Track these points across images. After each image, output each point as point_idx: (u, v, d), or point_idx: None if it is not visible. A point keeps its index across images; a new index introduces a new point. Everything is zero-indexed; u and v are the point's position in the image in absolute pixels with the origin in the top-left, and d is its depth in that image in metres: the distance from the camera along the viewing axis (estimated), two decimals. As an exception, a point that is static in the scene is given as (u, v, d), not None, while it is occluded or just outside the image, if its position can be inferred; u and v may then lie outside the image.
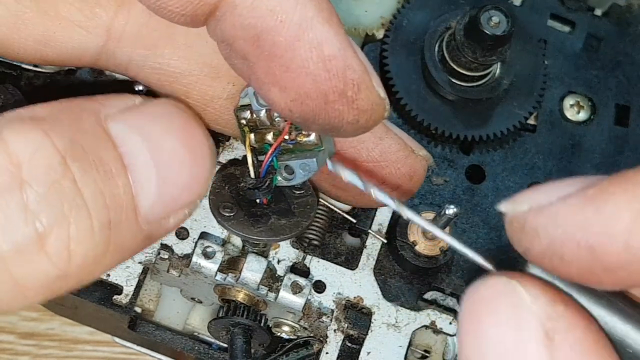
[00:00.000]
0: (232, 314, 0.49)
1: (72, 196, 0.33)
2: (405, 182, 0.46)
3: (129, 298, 0.51)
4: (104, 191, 0.34)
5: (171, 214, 0.37)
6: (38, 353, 0.64)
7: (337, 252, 0.54)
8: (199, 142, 0.37)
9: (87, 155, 0.34)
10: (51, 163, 0.32)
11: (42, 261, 0.32)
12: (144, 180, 0.35)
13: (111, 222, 0.34)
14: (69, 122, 0.34)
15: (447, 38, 0.56)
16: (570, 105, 0.59)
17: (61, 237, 0.32)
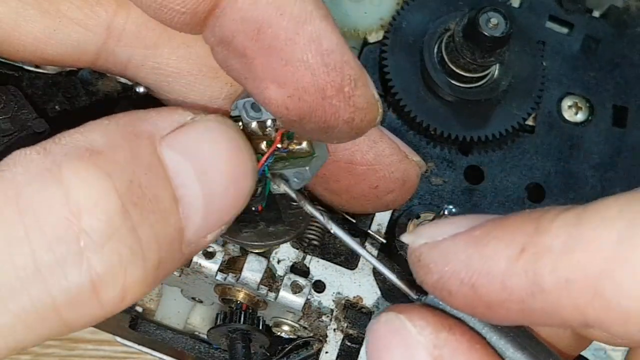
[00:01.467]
0: (229, 320, 0.50)
1: (130, 245, 0.33)
2: (398, 186, 0.46)
3: (130, 298, 0.52)
4: (159, 234, 0.34)
5: (210, 233, 0.37)
6: (40, 352, 0.65)
7: (337, 252, 0.54)
8: (243, 161, 0.37)
9: (145, 196, 0.33)
10: (111, 213, 0.32)
11: (94, 307, 0.32)
12: (192, 211, 0.35)
13: (160, 261, 0.34)
14: (127, 154, 0.34)
15: (446, 39, 0.56)
16: (569, 107, 0.59)
17: (116, 286, 0.32)
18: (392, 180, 0.45)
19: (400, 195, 0.47)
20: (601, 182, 0.58)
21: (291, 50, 0.35)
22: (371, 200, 0.46)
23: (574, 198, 0.57)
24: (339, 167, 0.44)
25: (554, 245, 0.31)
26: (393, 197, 0.46)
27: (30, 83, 0.53)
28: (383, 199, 0.46)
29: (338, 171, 0.44)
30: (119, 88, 0.54)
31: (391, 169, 0.45)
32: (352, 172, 0.44)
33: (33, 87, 0.53)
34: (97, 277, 0.32)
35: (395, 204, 0.47)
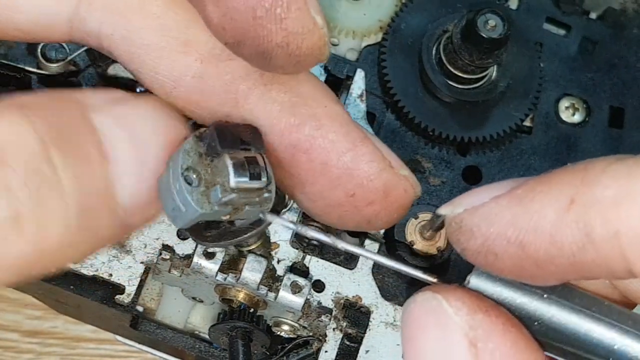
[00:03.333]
0: (229, 318, 0.50)
1: (50, 179, 0.33)
2: (379, 198, 0.41)
3: (131, 297, 0.52)
4: (82, 177, 0.34)
5: (150, 205, 0.37)
6: (42, 351, 0.65)
7: (336, 252, 0.54)
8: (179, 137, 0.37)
9: (68, 142, 0.34)
10: (32, 147, 0.33)
11: (17, 240, 0.33)
12: (123, 171, 0.36)
13: (87, 207, 0.35)
14: (53, 109, 0.35)
15: (444, 41, 0.56)
16: (566, 107, 0.60)
17: (38, 218, 0.33)
18: (371, 190, 0.41)
19: (383, 209, 0.42)
20: (598, 183, 0.58)
21: None
22: (349, 210, 0.42)
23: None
24: (313, 169, 0.41)
25: (605, 197, 0.31)
26: (374, 210, 0.42)
27: (31, 84, 0.54)
28: (363, 211, 0.42)
29: (312, 173, 0.41)
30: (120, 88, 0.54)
31: (370, 176, 0.41)
32: (327, 175, 0.41)
33: (35, 88, 0.53)
34: (20, 207, 0.33)
35: (379, 222, 0.42)
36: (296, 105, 0.40)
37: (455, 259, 0.55)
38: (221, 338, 0.51)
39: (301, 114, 0.40)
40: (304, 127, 0.40)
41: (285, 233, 0.53)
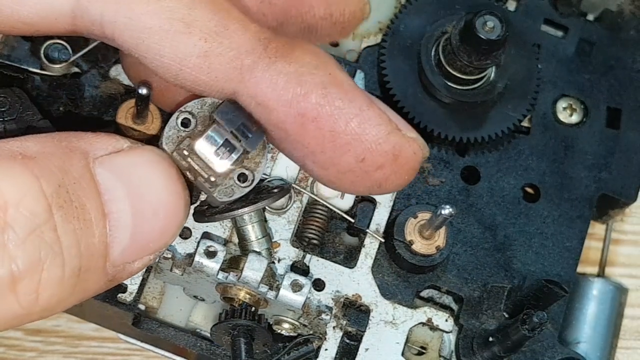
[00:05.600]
0: (231, 316, 0.50)
1: (50, 244, 0.34)
2: (389, 162, 0.42)
3: (133, 296, 0.52)
4: (81, 240, 0.35)
5: (137, 260, 0.38)
6: (45, 349, 0.65)
7: (336, 251, 0.55)
8: (177, 194, 0.38)
9: (72, 203, 0.35)
10: (36, 210, 0.33)
11: (10, 301, 0.33)
12: (120, 229, 0.36)
13: (81, 269, 0.35)
14: (59, 163, 0.35)
15: (443, 42, 0.57)
16: (563, 108, 0.60)
17: (32, 282, 0.33)
18: (380, 154, 0.42)
19: (393, 172, 0.42)
20: (595, 183, 0.59)
21: None
22: (360, 176, 0.42)
23: (568, 198, 0.58)
24: (322, 136, 0.41)
25: None
26: (384, 174, 0.42)
27: (34, 85, 0.54)
28: (373, 175, 0.42)
29: (322, 141, 0.41)
30: (122, 90, 0.55)
31: (379, 140, 0.41)
32: (336, 142, 0.41)
33: (38, 89, 0.54)
34: (16, 270, 0.33)
35: (390, 185, 0.43)
36: (302, 75, 0.40)
37: (454, 258, 0.55)
38: (223, 337, 0.51)
39: (307, 83, 0.40)
40: (310, 96, 0.40)
41: (286, 233, 0.53)
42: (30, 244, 0.33)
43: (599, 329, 0.59)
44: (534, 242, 0.57)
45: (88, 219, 0.35)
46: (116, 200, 0.36)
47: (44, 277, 0.34)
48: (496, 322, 0.54)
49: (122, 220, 0.36)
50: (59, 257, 0.34)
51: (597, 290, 0.61)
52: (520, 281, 0.55)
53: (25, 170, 0.34)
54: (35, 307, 0.34)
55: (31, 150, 0.35)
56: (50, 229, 0.34)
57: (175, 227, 0.39)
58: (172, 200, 0.38)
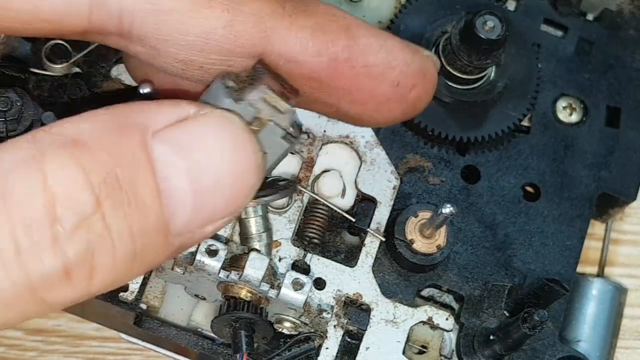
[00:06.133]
0: (233, 308, 0.50)
1: (99, 233, 0.34)
2: (420, 80, 0.46)
3: (135, 295, 0.52)
4: (133, 224, 0.35)
5: (208, 224, 0.38)
6: (45, 349, 0.65)
7: (337, 250, 0.55)
8: (246, 159, 0.38)
9: (121, 189, 0.35)
10: (82, 202, 0.34)
11: (66, 289, 0.34)
12: (178, 205, 0.36)
13: (136, 250, 0.35)
14: (111, 149, 0.35)
15: (443, 42, 0.57)
16: (563, 108, 0.60)
17: (84, 270, 0.34)
18: (412, 74, 0.45)
19: (424, 89, 0.46)
20: (595, 182, 0.59)
21: None
22: (397, 101, 0.46)
23: (568, 197, 0.58)
24: (357, 73, 0.44)
25: None
26: (417, 93, 0.46)
27: (36, 85, 0.54)
28: (408, 97, 0.46)
29: (357, 78, 0.44)
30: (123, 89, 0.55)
31: (408, 62, 0.45)
32: (371, 75, 0.44)
33: (39, 89, 0.54)
34: (67, 261, 0.34)
35: (422, 103, 0.47)
36: (323, 24, 0.43)
37: (455, 257, 0.55)
38: (224, 329, 0.51)
39: (331, 30, 0.43)
40: (337, 40, 0.43)
41: (287, 232, 0.54)
42: (79, 234, 0.34)
43: (598, 329, 0.59)
44: (535, 241, 0.57)
45: (140, 201, 0.35)
46: (172, 177, 0.36)
47: (96, 263, 0.34)
48: (497, 321, 0.54)
49: (179, 197, 0.36)
50: (107, 243, 0.34)
51: (596, 290, 0.61)
52: (520, 280, 0.56)
53: (72, 162, 0.34)
54: (89, 291, 0.35)
55: (84, 135, 0.35)
56: (98, 219, 0.34)
57: (248, 193, 0.38)
58: (240, 168, 0.38)
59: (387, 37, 0.45)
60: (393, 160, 0.56)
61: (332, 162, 0.55)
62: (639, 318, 0.67)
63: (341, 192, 0.55)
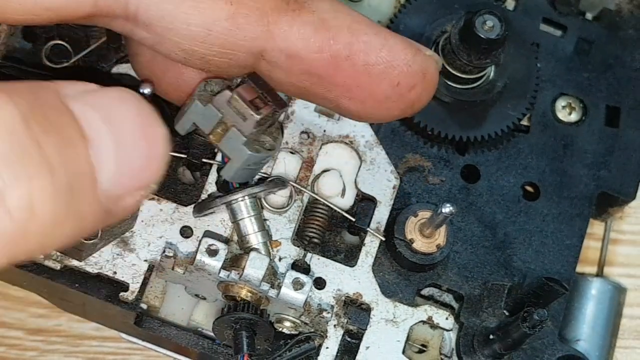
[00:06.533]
0: (234, 310, 0.50)
1: (34, 154, 0.33)
2: (420, 80, 0.46)
3: (135, 295, 0.52)
4: (64, 154, 0.34)
5: (128, 194, 0.37)
6: (46, 348, 0.65)
7: (337, 250, 0.55)
8: (154, 127, 0.38)
9: (49, 120, 0.34)
10: (13, 122, 0.32)
11: (4, 219, 0.32)
12: (103, 154, 0.35)
13: (72, 186, 0.34)
14: (30, 93, 0.34)
15: (442, 42, 0.57)
16: (562, 107, 0.61)
17: (23, 193, 0.32)
18: (412, 74, 0.45)
19: (423, 89, 0.46)
20: (594, 181, 0.59)
21: None
22: (396, 100, 0.46)
23: (567, 196, 0.58)
24: (357, 72, 0.44)
25: None
26: (416, 93, 0.46)
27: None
28: (407, 97, 0.46)
29: (357, 76, 0.45)
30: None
31: (409, 62, 0.45)
32: (371, 74, 0.44)
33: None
34: (1, 183, 0.32)
35: (420, 102, 0.47)
36: (325, 20, 0.43)
37: (455, 256, 0.56)
38: (225, 331, 0.52)
39: (333, 26, 0.44)
40: (339, 37, 0.44)
41: (287, 231, 0.54)
42: (14, 154, 0.32)
43: (597, 329, 0.59)
44: (534, 240, 0.57)
45: (69, 137, 0.34)
46: (95, 128, 0.35)
47: (35, 187, 0.32)
48: (497, 320, 0.54)
49: (104, 146, 0.35)
50: (45, 166, 0.33)
51: (595, 290, 0.61)
52: (520, 279, 0.56)
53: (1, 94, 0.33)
54: (31, 224, 0.33)
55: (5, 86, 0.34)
56: (31, 139, 0.33)
57: (160, 160, 0.38)
58: (153, 133, 0.38)
59: (390, 36, 0.45)
60: (393, 160, 0.56)
61: (332, 161, 0.55)
62: (638, 318, 0.67)
63: (341, 191, 0.55)
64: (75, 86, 0.37)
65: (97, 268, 0.52)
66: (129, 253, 0.52)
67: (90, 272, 0.52)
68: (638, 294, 0.67)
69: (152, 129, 0.38)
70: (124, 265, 0.52)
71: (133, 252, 0.52)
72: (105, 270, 0.52)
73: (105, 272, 0.52)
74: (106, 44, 0.55)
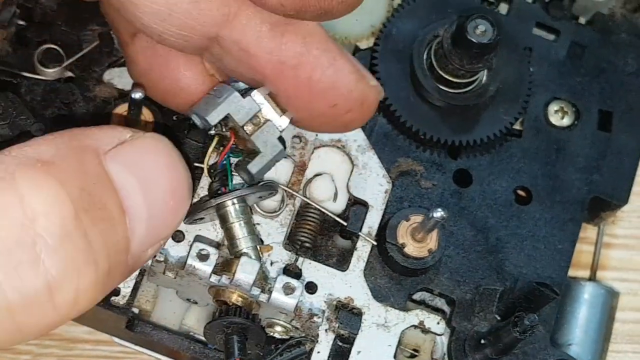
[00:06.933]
0: (225, 314, 0.50)
1: (82, 248, 0.33)
2: (357, 107, 0.46)
3: (127, 299, 0.52)
4: (108, 240, 0.35)
5: (151, 248, 0.38)
6: (39, 352, 0.65)
7: (329, 254, 0.55)
8: (182, 179, 0.39)
9: (95, 204, 0.34)
10: (65, 216, 0.33)
11: (48, 311, 0.33)
12: (137, 222, 0.36)
13: (110, 268, 0.35)
14: (75, 164, 0.35)
15: (435, 46, 0.57)
16: (555, 111, 0.61)
17: (70, 289, 0.33)
18: (351, 100, 0.46)
19: (359, 115, 0.47)
20: (587, 185, 0.59)
21: None
22: (330, 118, 0.47)
23: (560, 200, 0.58)
24: (300, 83, 0.45)
25: None
26: (351, 117, 0.47)
27: (28, 90, 0.54)
28: (341, 118, 0.47)
29: (298, 87, 0.45)
30: (116, 94, 0.55)
31: (350, 87, 0.46)
32: (313, 90, 0.45)
33: (31, 94, 0.54)
34: (52, 280, 0.32)
35: (354, 125, 0.48)
36: (283, 24, 0.43)
37: (446, 261, 0.56)
38: (217, 336, 0.51)
39: (289, 32, 0.44)
40: (292, 45, 0.44)
41: (279, 236, 0.54)
42: (63, 251, 0.33)
43: (590, 333, 0.59)
44: (526, 245, 0.57)
45: (111, 218, 0.35)
46: (131, 194, 0.36)
47: (81, 282, 0.33)
48: (488, 325, 0.54)
49: (138, 213, 0.37)
50: (91, 260, 0.34)
51: (588, 294, 0.61)
52: (512, 284, 0.56)
53: (49, 178, 0.34)
54: (72, 312, 0.34)
55: (47, 155, 0.35)
56: (80, 234, 0.33)
57: (183, 210, 0.40)
58: (179, 185, 0.39)
59: (340, 57, 0.45)
60: (385, 164, 0.56)
61: (324, 166, 0.55)
62: (630, 322, 0.67)
63: (333, 195, 0.55)
64: (111, 137, 0.37)
65: (89, 272, 0.52)
66: (121, 257, 0.52)
67: (82, 277, 0.52)
68: (630, 298, 0.67)
69: (181, 185, 0.39)
70: (116, 270, 0.52)
71: (124, 256, 0.52)
72: (97, 275, 0.52)
73: (96, 276, 0.52)
74: (99, 48, 0.56)
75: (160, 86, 0.48)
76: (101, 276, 0.34)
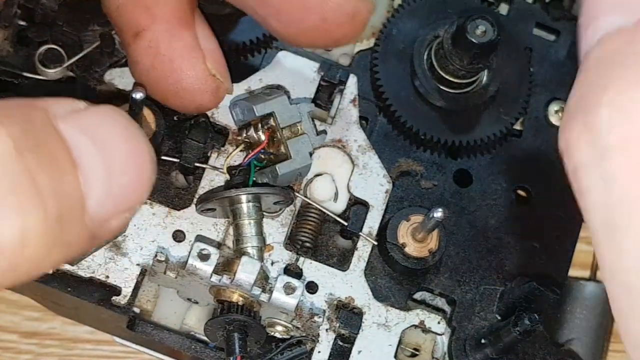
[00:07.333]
0: (227, 311, 0.51)
1: (27, 186, 0.32)
2: (348, 20, 0.47)
3: (128, 299, 0.52)
4: (56, 184, 0.33)
5: (114, 217, 0.37)
6: (40, 352, 0.66)
7: (329, 254, 0.55)
8: (141, 148, 0.37)
9: (40, 147, 0.33)
10: (6, 152, 0.32)
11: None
12: (92, 179, 0.35)
13: (62, 216, 0.33)
14: (20, 115, 0.34)
15: (435, 46, 0.57)
16: (555, 111, 0.61)
17: (15, 228, 0.31)
18: (342, 14, 0.46)
19: (350, 30, 0.47)
20: (587, 185, 0.59)
21: None
22: (320, 33, 0.47)
23: (560, 200, 0.58)
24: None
25: None
26: (342, 31, 0.47)
27: (30, 90, 0.54)
28: (332, 32, 0.47)
29: (289, 2, 0.45)
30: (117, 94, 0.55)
31: (341, 1, 0.46)
32: (303, 4, 0.45)
33: (33, 94, 0.54)
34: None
35: (344, 40, 0.49)
36: None
37: (447, 260, 0.56)
38: (218, 333, 0.52)
39: None
40: None
41: (280, 236, 0.54)
42: (5, 186, 0.31)
43: (590, 333, 0.59)
44: (526, 245, 0.57)
45: (59, 164, 0.34)
46: (84, 151, 0.35)
47: (27, 221, 0.31)
48: (488, 324, 0.54)
49: (94, 172, 0.35)
50: (38, 199, 0.32)
51: (588, 294, 0.61)
52: (512, 283, 0.56)
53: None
54: (21, 258, 0.32)
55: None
56: (24, 169, 0.32)
57: (147, 181, 0.38)
58: (140, 154, 0.37)
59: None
60: (385, 164, 0.56)
61: (325, 166, 0.55)
62: (631, 321, 0.67)
63: (333, 196, 0.55)
64: (64, 105, 0.36)
65: (90, 272, 0.52)
66: (122, 257, 0.52)
67: (83, 276, 0.52)
68: (631, 298, 0.67)
69: (140, 151, 0.37)
70: (117, 269, 0.52)
71: (125, 256, 0.52)
72: (98, 275, 0.52)
73: (97, 276, 0.52)
74: (99, 49, 0.56)
75: (162, 86, 0.48)
76: (51, 220, 0.33)
